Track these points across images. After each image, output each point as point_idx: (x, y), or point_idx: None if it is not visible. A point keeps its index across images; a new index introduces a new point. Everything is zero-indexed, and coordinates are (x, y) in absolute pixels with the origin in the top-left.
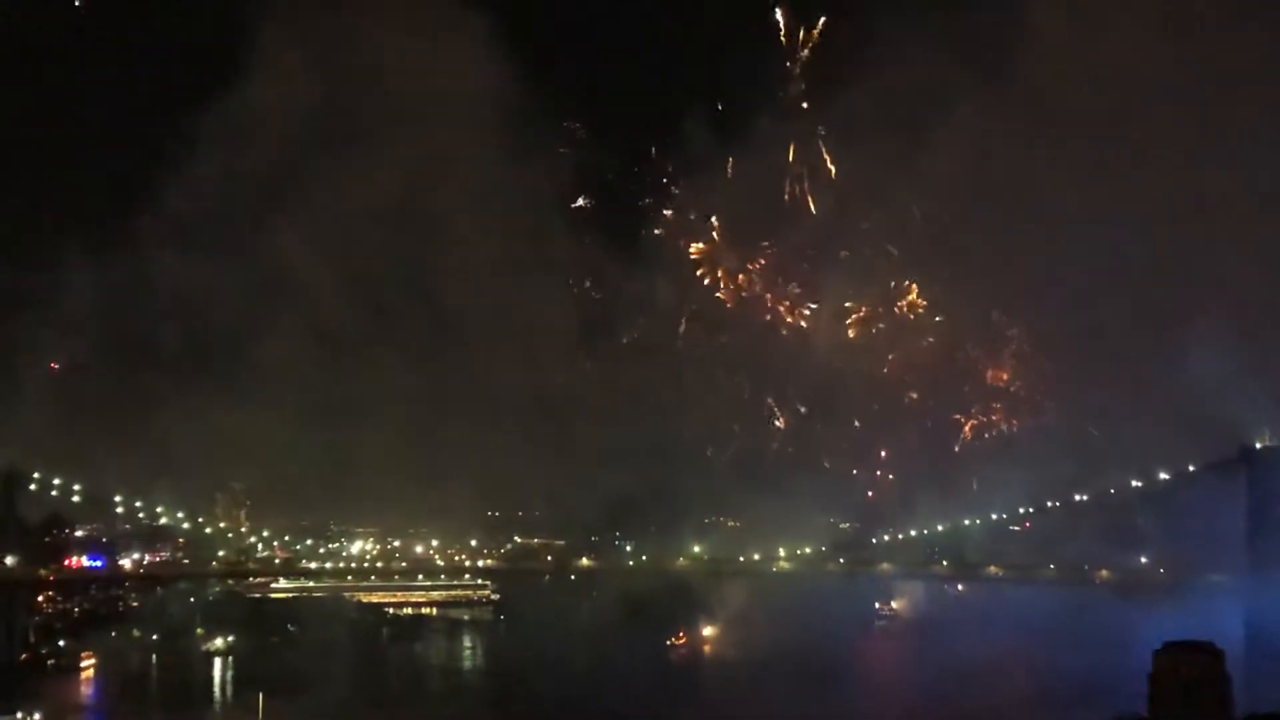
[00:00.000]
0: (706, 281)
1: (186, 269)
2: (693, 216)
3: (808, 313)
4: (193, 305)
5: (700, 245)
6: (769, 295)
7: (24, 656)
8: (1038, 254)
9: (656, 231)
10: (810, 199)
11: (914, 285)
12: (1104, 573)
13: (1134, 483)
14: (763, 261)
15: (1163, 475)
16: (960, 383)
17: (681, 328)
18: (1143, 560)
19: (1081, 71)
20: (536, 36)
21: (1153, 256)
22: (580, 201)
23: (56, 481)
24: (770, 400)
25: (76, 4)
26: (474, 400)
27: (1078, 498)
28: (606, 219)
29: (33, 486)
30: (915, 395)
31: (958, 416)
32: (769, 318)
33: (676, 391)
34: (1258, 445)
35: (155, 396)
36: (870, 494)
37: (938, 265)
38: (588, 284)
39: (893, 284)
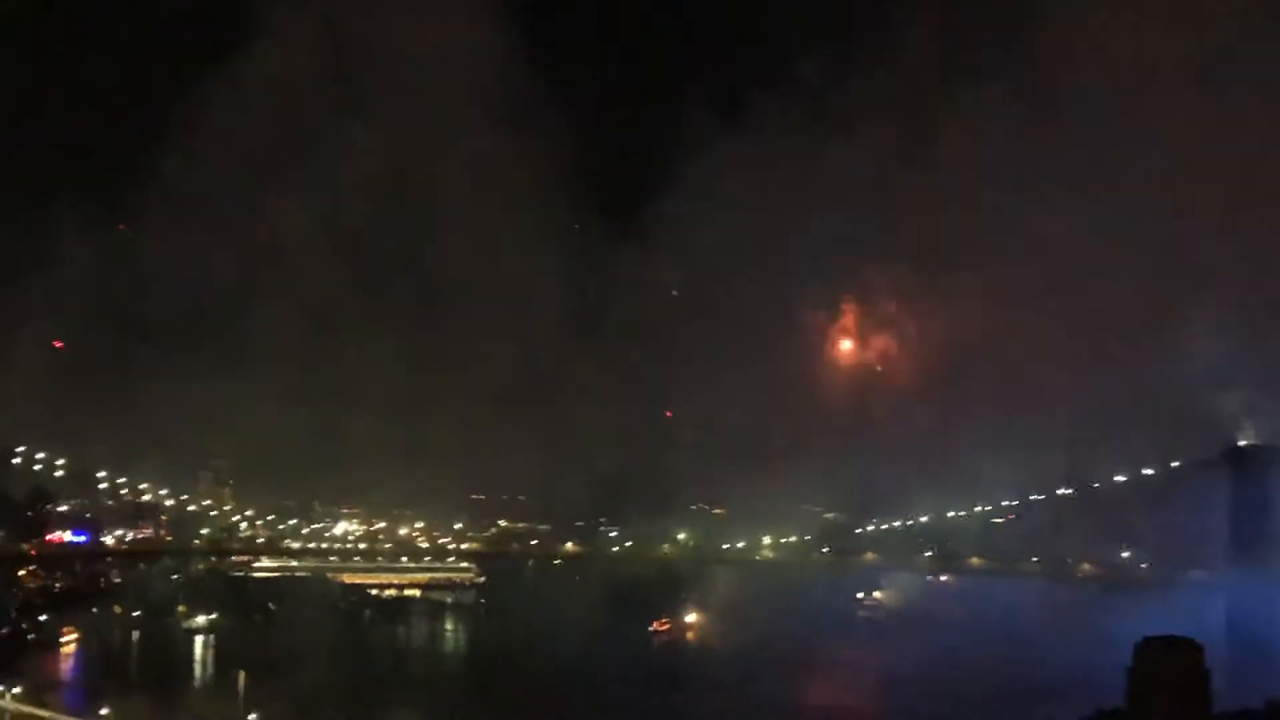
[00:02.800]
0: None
1: (176, 242)
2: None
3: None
4: (182, 280)
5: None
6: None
7: (5, 631)
8: (1037, 246)
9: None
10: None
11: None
12: (1087, 566)
13: (1119, 478)
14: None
15: (1148, 471)
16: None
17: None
18: (1125, 555)
19: (1091, 62)
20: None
21: (1149, 250)
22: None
23: (41, 456)
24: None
25: None
26: (462, 383)
27: (1062, 492)
28: (606, 200)
29: (17, 460)
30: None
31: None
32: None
33: (666, 378)
34: (1242, 444)
35: (142, 372)
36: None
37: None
38: (583, 266)
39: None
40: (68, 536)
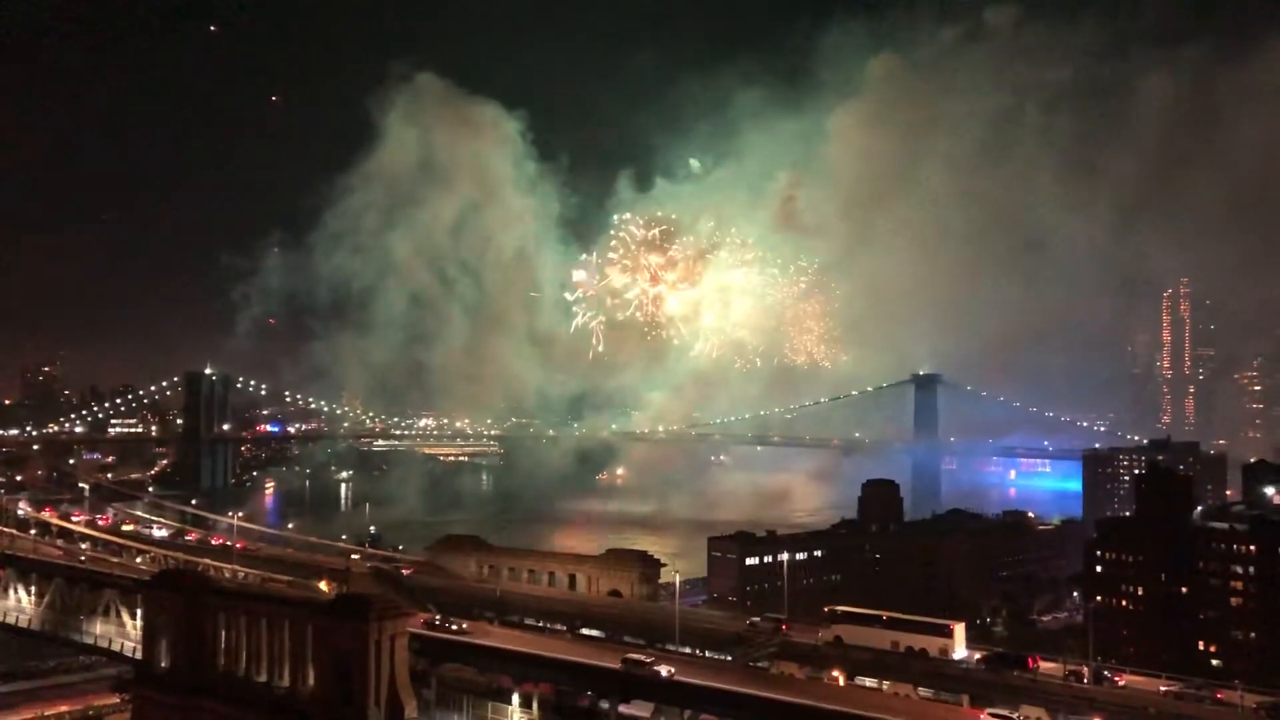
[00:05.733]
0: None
1: (333, 258)
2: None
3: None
4: (337, 280)
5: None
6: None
7: (234, 481)
8: None
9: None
10: None
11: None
12: (835, 441)
13: (854, 392)
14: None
15: (869, 388)
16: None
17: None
18: (857, 435)
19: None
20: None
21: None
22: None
23: (254, 383)
24: None
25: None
26: (496, 341)
27: (821, 400)
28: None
29: (239, 385)
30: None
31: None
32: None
33: (616, 345)
34: (920, 372)
35: (312, 334)
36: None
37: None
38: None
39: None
40: (268, 428)
